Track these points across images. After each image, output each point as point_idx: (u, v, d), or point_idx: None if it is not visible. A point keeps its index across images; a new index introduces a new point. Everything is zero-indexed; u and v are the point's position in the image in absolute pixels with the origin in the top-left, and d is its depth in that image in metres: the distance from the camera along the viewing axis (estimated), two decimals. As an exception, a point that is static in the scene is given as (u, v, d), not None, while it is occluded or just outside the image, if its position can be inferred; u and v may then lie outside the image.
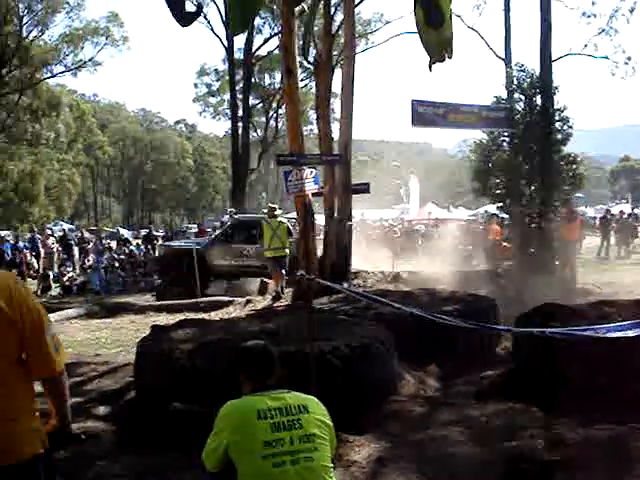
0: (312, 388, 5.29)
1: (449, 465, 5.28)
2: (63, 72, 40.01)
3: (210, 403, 5.16)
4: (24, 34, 36.28)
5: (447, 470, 5.17)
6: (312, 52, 16.21)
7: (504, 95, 17.52)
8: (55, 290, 21.09)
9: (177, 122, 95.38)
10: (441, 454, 5.52)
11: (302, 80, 16.52)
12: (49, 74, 39.82)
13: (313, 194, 12.65)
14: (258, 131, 48.06)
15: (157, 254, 21.14)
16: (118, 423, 6.52)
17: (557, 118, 16.76)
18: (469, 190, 24.64)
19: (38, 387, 2.91)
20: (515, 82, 17.28)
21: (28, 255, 24.21)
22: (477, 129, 17.60)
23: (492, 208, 24.31)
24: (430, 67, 7.19)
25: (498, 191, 17.27)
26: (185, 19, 7.96)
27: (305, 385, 5.09)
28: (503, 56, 20.87)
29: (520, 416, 6.12)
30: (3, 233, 34.56)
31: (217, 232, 20.44)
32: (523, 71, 17.24)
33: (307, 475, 3.12)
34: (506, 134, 17.15)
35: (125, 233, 37.82)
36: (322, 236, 13.46)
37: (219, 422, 3.29)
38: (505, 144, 17.49)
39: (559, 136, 16.70)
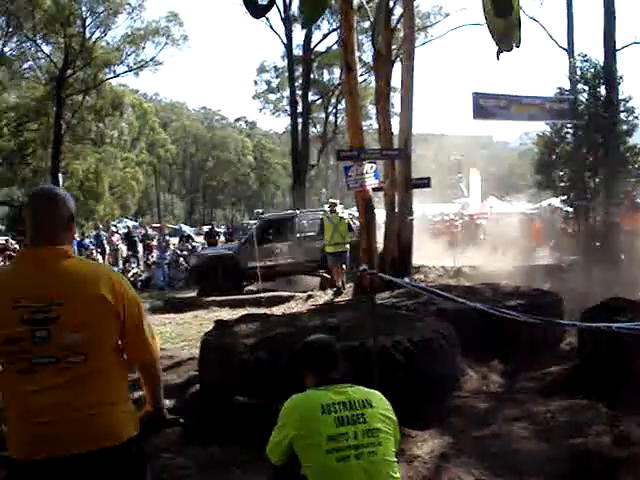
0: (375, 383, 5.31)
1: (513, 461, 5.23)
2: (125, 72, 40.74)
3: (273, 397, 5.23)
4: (87, 35, 37.01)
5: (511, 466, 5.12)
6: (371, 47, 16.18)
7: (567, 86, 17.23)
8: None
9: (237, 119, 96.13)
10: (505, 450, 5.46)
11: (361, 75, 16.54)
12: (112, 74, 40.57)
13: (373, 189, 12.64)
14: (318, 127, 48.03)
15: (191, 263, 20.96)
16: (183, 416, 6.60)
17: (622, 109, 16.41)
18: (531, 183, 24.23)
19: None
20: (578, 73, 16.97)
21: (94, 252, 24.72)
22: (540, 121, 17.32)
23: (556, 201, 23.89)
24: (498, 56, 7.08)
25: (562, 184, 17.00)
26: (258, 11, 8.01)
27: (367, 380, 5.10)
28: (566, 46, 20.52)
29: (585, 412, 6.01)
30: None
31: (246, 235, 20.36)
32: (587, 61, 16.92)
33: (371, 469, 3.13)
34: (570, 126, 16.85)
35: (187, 230, 38.28)
36: (382, 231, 13.39)
37: (283, 416, 3.32)
38: (569, 136, 17.19)
39: (624, 127, 16.35)
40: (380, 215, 13.33)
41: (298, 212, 19.95)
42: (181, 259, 23.16)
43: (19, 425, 2.75)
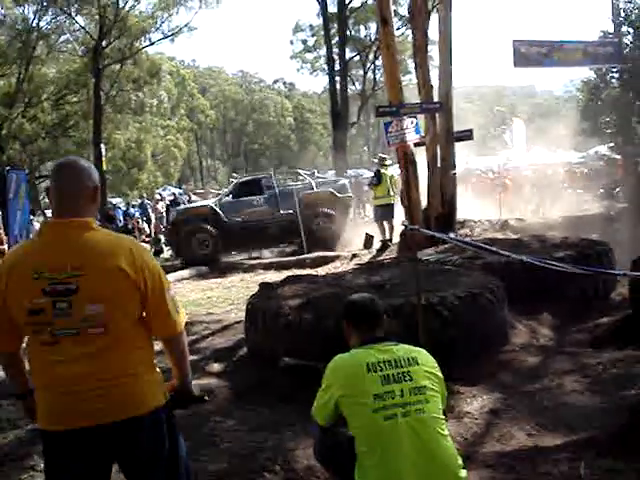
0: (421, 340, 5.25)
1: (565, 415, 5.15)
2: (161, 40, 40.67)
3: (319, 358, 5.21)
4: (120, 5, 36.99)
5: (563, 420, 5.04)
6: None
7: (611, 29, 16.70)
8: (167, 253, 21.72)
9: (275, 81, 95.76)
10: (557, 404, 5.39)
11: (398, 29, 16.24)
12: (147, 42, 40.60)
13: (414, 144, 12.47)
14: (356, 84, 47.66)
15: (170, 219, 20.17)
16: (231, 379, 6.65)
17: (669, 49, 15.87)
18: (577, 132, 23.73)
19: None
20: (622, 14, 16.42)
21: (139, 220, 25.03)
22: (584, 66, 16.88)
23: (603, 149, 23.39)
24: None
25: (608, 130, 16.58)
26: None
27: (414, 337, 5.05)
28: (608, -13, 19.84)
29: (638, 364, 5.90)
30: (114, 200, 35.87)
31: (224, 191, 20.47)
32: (630, 2, 16.35)
33: (419, 427, 3.10)
34: (615, 70, 16.38)
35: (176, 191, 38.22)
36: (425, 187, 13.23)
37: (328, 376, 3.30)
38: (614, 81, 16.74)
39: (672, 69, 15.82)
40: (422, 170, 13.14)
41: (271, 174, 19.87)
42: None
43: (45, 395, 2.78)
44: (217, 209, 18.12)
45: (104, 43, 37.13)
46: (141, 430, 2.77)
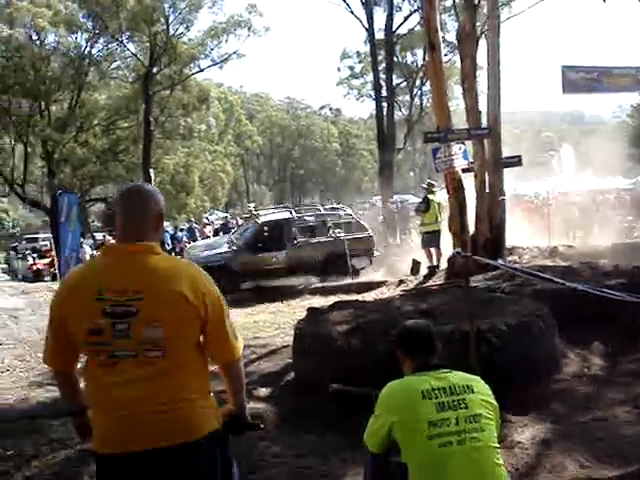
0: (474, 367, 5.21)
1: (619, 446, 5.06)
2: (210, 66, 41.21)
3: (368, 384, 5.20)
4: (171, 32, 37.69)
5: (617, 452, 4.95)
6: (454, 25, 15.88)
7: (663, 54, 16.49)
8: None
9: (322, 107, 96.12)
10: (610, 435, 5.29)
11: (445, 55, 16.22)
12: (197, 69, 41.19)
13: (463, 170, 12.44)
14: (403, 110, 47.62)
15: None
16: (278, 404, 6.66)
17: None
18: (626, 158, 23.40)
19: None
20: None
21: (187, 244, 25.26)
22: (634, 92, 16.69)
23: (654, 175, 23.01)
24: None
25: (660, 157, 16.31)
26: None
27: (463, 364, 5.01)
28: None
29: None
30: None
31: (239, 239, 18.81)
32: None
33: (474, 455, 3.06)
34: (666, 95, 16.13)
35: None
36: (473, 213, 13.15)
37: (382, 402, 3.28)
38: (665, 106, 16.47)
39: None
40: (470, 196, 13.07)
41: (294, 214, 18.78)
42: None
43: (101, 417, 2.80)
44: (230, 264, 17.34)
45: (154, 70, 37.82)
46: (195, 455, 2.77)
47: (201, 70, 41.39)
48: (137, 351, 2.70)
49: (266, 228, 18.12)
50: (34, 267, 27.48)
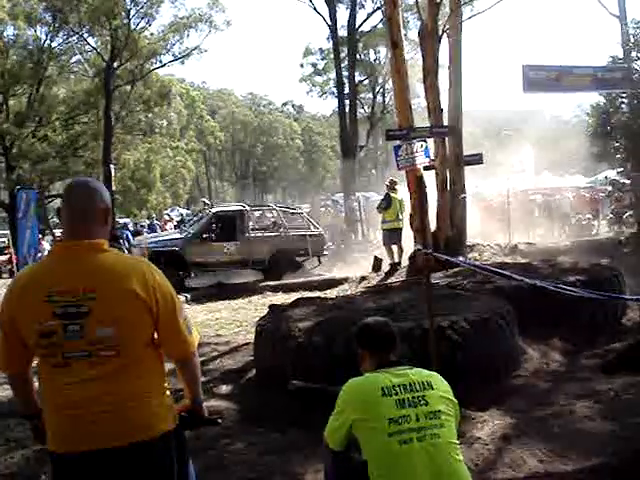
0: (433, 364, 5.22)
1: (577, 441, 5.11)
2: (171, 61, 40.84)
3: (329, 381, 5.19)
4: (132, 27, 37.30)
5: (576, 446, 4.99)
6: (417, 23, 15.93)
7: (621, 54, 16.73)
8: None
9: (284, 104, 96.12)
10: (569, 430, 5.34)
11: (407, 53, 16.17)
12: (158, 64, 40.84)
13: (424, 167, 12.47)
14: (365, 107, 47.77)
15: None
16: (240, 401, 6.63)
17: (679, 75, 15.86)
18: (585, 157, 23.72)
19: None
20: (632, 40, 16.45)
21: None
22: (593, 92, 16.90)
23: (612, 174, 23.33)
24: None
25: (618, 155, 16.54)
26: None
27: (423, 361, 5.02)
28: (617, 13, 19.88)
29: (651, 389, 5.85)
30: (122, 221, 35.97)
31: (192, 227, 19.04)
32: (640, 27, 16.39)
33: (434, 452, 3.07)
34: (625, 95, 16.36)
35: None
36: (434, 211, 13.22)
37: (342, 400, 3.27)
38: (624, 106, 16.71)
39: (682, 94, 15.79)
40: (431, 194, 13.13)
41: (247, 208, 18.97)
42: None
43: (54, 418, 2.76)
44: (181, 252, 17.41)
45: (115, 64, 37.39)
46: (150, 454, 2.75)
47: (162, 65, 41.02)
48: (90, 351, 2.66)
49: (219, 218, 18.36)
50: (-10, 263, 27.01)
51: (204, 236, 17.83)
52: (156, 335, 2.83)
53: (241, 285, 17.07)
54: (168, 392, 2.94)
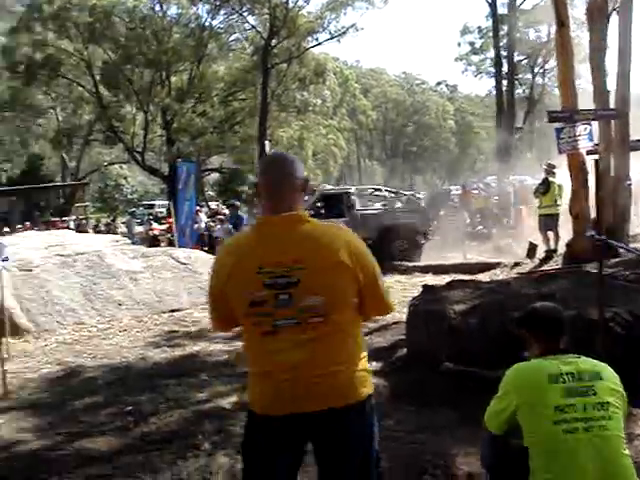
0: (602, 355, 5.03)
1: None
2: (328, 40, 41.46)
3: (481, 364, 5.13)
4: (290, 5, 37.90)
5: None
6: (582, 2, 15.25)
7: None
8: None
9: (438, 83, 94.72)
10: None
11: (572, 32, 15.45)
12: (315, 42, 41.41)
13: (587, 152, 11.99)
14: (523, 88, 46.41)
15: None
16: (390, 379, 6.66)
17: None
18: None
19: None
20: None
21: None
22: None
23: None
24: None
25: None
26: None
27: (585, 352, 4.85)
28: None
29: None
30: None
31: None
32: None
33: (601, 444, 2.97)
34: None
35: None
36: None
37: (508, 383, 3.23)
38: None
39: None
40: (591, 180, 12.59)
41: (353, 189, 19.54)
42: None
43: (261, 383, 2.89)
44: None
45: (273, 42, 38.20)
46: (363, 415, 2.86)
47: (319, 43, 41.66)
48: (299, 319, 2.77)
49: (323, 197, 19.09)
50: (151, 232, 28.39)
51: (311, 213, 17.96)
52: (356, 300, 2.90)
53: (388, 265, 17.06)
54: (366, 354, 3.02)
